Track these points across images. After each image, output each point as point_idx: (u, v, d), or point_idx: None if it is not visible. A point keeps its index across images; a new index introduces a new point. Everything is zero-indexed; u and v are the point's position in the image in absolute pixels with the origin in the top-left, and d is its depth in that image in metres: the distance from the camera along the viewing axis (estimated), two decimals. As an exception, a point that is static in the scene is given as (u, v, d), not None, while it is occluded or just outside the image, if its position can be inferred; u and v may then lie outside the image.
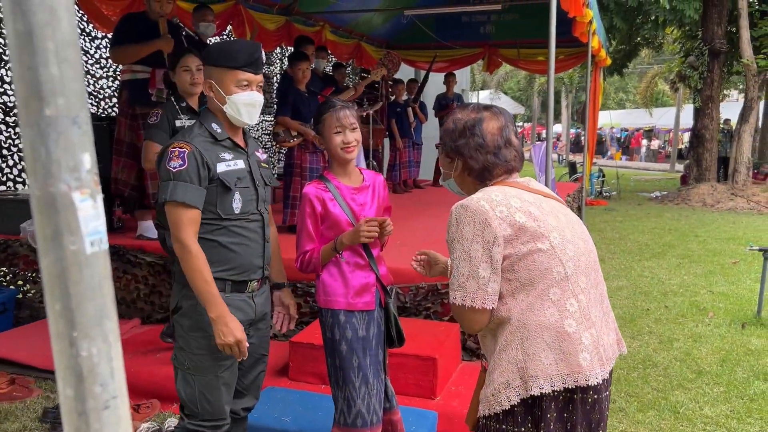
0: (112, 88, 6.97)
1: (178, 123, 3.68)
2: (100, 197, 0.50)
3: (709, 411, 3.61)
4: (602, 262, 7.37)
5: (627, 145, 32.19)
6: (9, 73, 5.86)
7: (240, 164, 2.31)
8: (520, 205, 1.73)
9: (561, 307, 1.69)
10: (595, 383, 1.67)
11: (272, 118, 8.18)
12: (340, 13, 9.51)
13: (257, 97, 2.28)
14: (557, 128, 39.83)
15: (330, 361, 2.48)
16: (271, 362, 3.78)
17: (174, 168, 2.13)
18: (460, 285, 1.71)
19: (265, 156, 2.50)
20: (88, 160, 0.48)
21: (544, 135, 37.31)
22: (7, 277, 5.02)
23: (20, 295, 4.94)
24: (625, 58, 14.64)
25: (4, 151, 5.80)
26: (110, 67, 6.94)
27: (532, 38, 11.31)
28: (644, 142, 32.56)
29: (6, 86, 5.81)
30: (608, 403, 1.82)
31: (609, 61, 12.02)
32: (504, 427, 1.73)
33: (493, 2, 10.64)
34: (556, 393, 1.67)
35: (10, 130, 5.85)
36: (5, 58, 5.78)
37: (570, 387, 1.67)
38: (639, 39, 14.28)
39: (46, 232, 0.47)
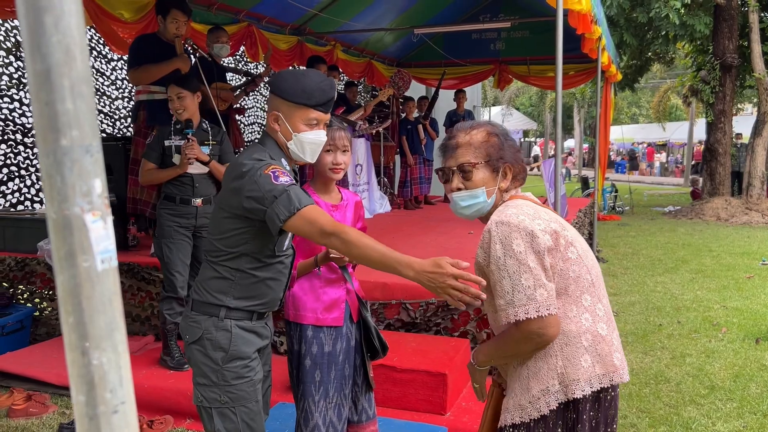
0: (128, 109, 7.10)
1: (166, 143, 3.87)
2: (110, 219, 0.54)
3: (722, 427, 3.59)
4: (615, 277, 7.36)
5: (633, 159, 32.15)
6: (27, 96, 6.00)
7: None
8: (548, 217, 1.83)
9: (593, 312, 1.81)
10: (627, 380, 1.84)
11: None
12: (351, 33, 9.63)
13: (323, 137, 2.22)
14: (570, 143, 39.79)
15: (293, 373, 2.53)
16: (279, 377, 3.83)
17: (286, 182, 2.00)
18: (529, 298, 1.69)
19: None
20: (99, 185, 0.53)
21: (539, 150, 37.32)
22: (25, 295, 5.11)
23: (37, 313, 5.02)
24: (636, 73, 14.66)
25: (22, 172, 5.93)
26: (125, 88, 7.08)
27: (542, 54, 11.39)
28: (658, 156, 32.47)
29: (24, 108, 5.94)
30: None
31: (620, 77, 12.04)
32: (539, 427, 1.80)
33: (502, 20, 10.76)
34: (593, 394, 1.77)
35: (28, 151, 5.98)
36: (24, 80, 5.92)
37: (606, 387, 1.78)
38: (650, 54, 14.30)
39: (62, 251, 0.52)
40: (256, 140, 2.29)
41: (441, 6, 10.74)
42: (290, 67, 5.16)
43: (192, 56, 4.94)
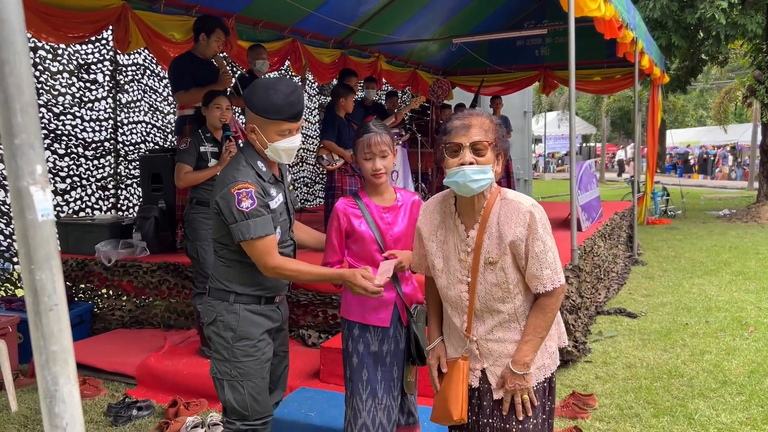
0: (180, 123, 7.64)
1: (201, 149, 4.30)
2: (48, 189, 0.86)
3: (725, 418, 3.69)
4: (651, 279, 7.38)
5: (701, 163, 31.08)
6: (87, 113, 6.59)
7: (281, 198, 2.51)
8: None
9: None
10: None
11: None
12: (393, 45, 9.95)
13: (297, 142, 2.44)
14: (630, 147, 38.90)
15: (345, 371, 2.62)
16: (304, 367, 4.17)
17: (246, 208, 2.30)
18: (561, 268, 2.12)
19: (290, 177, 2.81)
20: (39, 168, 0.85)
21: (625, 154, 36.42)
22: (85, 293, 5.63)
23: (95, 309, 5.53)
24: (689, 74, 14.41)
25: (83, 182, 6.51)
26: (175, 103, 7.64)
27: (587, 59, 11.43)
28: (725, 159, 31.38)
29: (85, 124, 6.53)
30: None
31: (666, 79, 11.92)
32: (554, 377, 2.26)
33: (546, 26, 10.87)
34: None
35: (88, 163, 6.56)
36: (84, 99, 6.51)
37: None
38: (702, 55, 14.05)
39: (16, 209, 0.84)
40: (242, 145, 2.55)
41: (484, 15, 10.93)
42: (264, 77, 5.49)
43: (215, 71, 5.33)
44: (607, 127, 32.92)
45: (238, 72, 7.14)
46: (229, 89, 5.54)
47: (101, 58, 6.72)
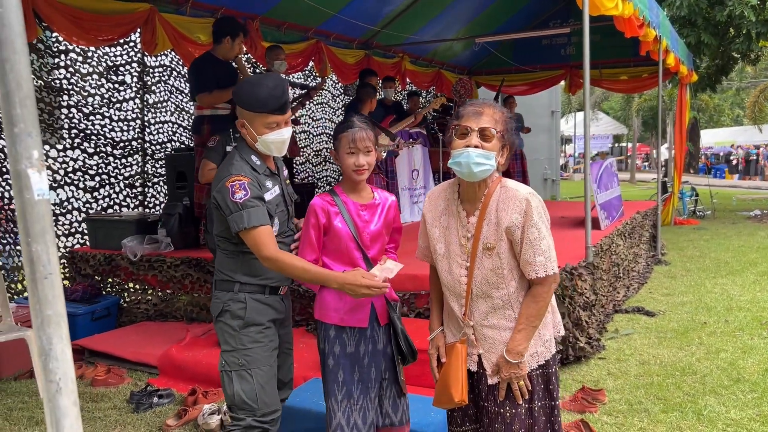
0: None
1: (228, 148, 4.40)
2: (44, 172, 0.98)
3: (735, 414, 3.69)
4: (673, 279, 7.34)
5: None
6: (116, 113, 6.81)
7: (277, 190, 2.54)
8: None
9: None
10: None
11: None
12: (416, 45, 10.02)
13: (286, 134, 2.49)
14: (663, 148, 38.31)
15: (322, 372, 2.60)
16: (318, 359, 4.27)
17: (240, 199, 2.35)
18: (554, 257, 2.21)
19: (286, 172, 2.78)
20: (36, 153, 0.96)
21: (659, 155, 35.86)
22: (113, 287, 5.84)
23: (122, 303, 5.73)
24: (719, 73, 14.19)
25: (112, 180, 6.73)
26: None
27: (614, 58, 11.37)
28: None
29: (114, 124, 6.75)
30: None
31: (695, 78, 11.77)
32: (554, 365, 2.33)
33: (570, 25, 10.84)
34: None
35: (117, 161, 6.78)
36: (113, 100, 6.73)
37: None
38: (733, 53, 13.82)
39: (16, 189, 0.96)
40: (238, 140, 2.61)
41: (509, 14, 10.94)
42: (250, 69, 5.64)
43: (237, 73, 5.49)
44: (639, 127, 32.46)
45: (260, 71, 7.30)
46: None
47: (129, 60, 6.94)
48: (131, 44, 6.88)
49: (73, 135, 6.36)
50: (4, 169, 5.76)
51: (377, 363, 2.57)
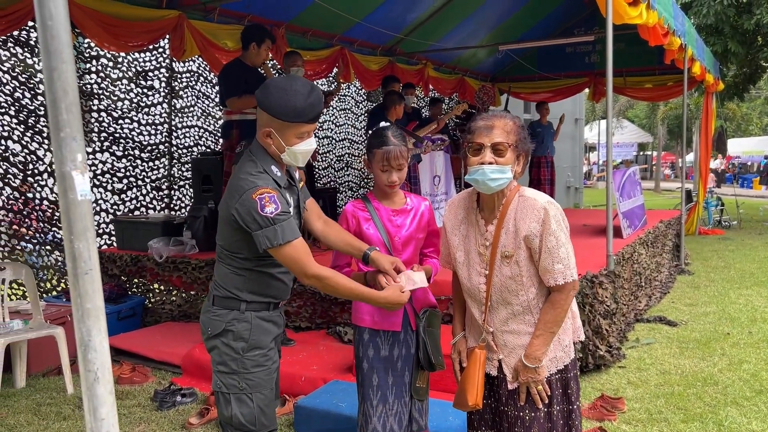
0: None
1: None
2: (87, 174, 1.04)
3: (757, 426, 3.66)
4: (696, 289, 7.27)
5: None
6: (144, 117, 6.96)
7: (292, 201, 2.40)
8: None
9: None
10: None
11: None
12: (439, 52, 10.07)
13: (313, 144, 2.37)
14: (690, 157, 37.83)
15: (357, 376, 2.62)
16: (339, 361, 4.34)
17: (271, 213, 2.16)
18: (574, 263, 2.22)
19: (297, 174, 2.59)
20: (80, 156, 1.03)
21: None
22: (138, 288, 5.95)
23: (147, 303, 5.84)
24: (747, 81, 14.04)
25: (139, 182, 6.87)
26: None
27: (638, 66, 11.30)
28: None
29: (142, 128, 6.90)
30: None
31: (721, 86, 11.65)
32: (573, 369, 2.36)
33: (594, 33, 10.82)
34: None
35: (144, 164, 6.93)
36: (142, 104, 6.87)
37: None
38: (762, 62, 13.67)
39: (61, 189, 1.02)
40: (249, 150, 2.38)
41: (533, 22, 10.94)
42: (275, 75, 5.71)
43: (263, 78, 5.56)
44: (664, 135, 32.12)
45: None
46: None
47: (158, 65, 7.09)
48: (160, 50, 7.03)
49: (102, 138, 6.51)
50: (36, 171, 5.91)
51: (410, 367, 2.58)
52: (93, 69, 6.44)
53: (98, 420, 1.03)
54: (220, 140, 7.88)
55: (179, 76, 7.40)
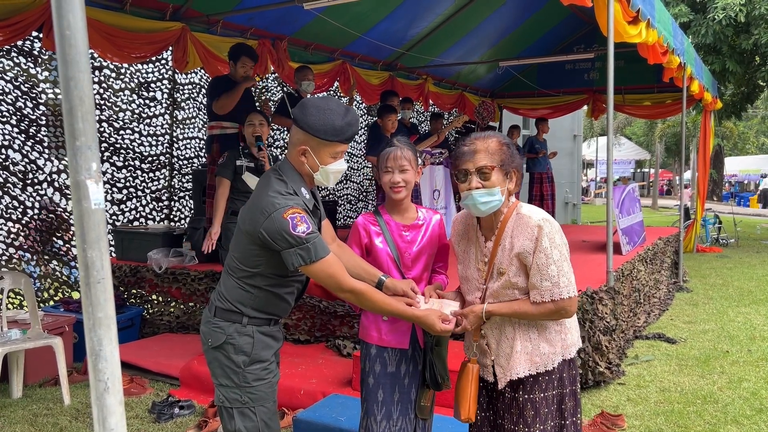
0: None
1: (238, 162, 4.60)
2: (101, 183, 1.04)
3: (757, 444, 3.65)
4: (695, 306, 7.26)
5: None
6: (146, 128, 6.97)
7: (316, 224, 2.36)
8: None
9: None
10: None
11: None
12: (440, 67, 10.13)
13: (344, 165, 2.38)
14: (689, 174, 37.98)
15: (361, 391, 2.60)
16: (338, 375, 4.32)
17: (303, 232, 2.16)
18: (570, 281, 2.20)
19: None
20: (94, 165, 1.03)
21: (685, 180, 35.55)
22: (137, 299, 5.93)
23: (146, 314, 5.82)
24: (744, 100, 14.13)
25: (139, 193, 6.87)
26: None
27: (637, 83, 11.37)
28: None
29: (143, 138, 6.91)
30: None
31: (719, 105, 11.73)
32: (548, 379, 2.29)
33: (594, 50, 10.90)
34: (575, 357, 2.35)
35: (144, 175, 6.93)
36: (143, 115, 6.89)
37: (578, 352, 2.40)
38: (759, 81, 13.77)
39: (75, 197, 1.02)
40: (277, 168, 2.35)
41: (533, 38, 11.01)
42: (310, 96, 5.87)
43: (252, 96, 5.75)
44: (661, 153, 32.25)
45: (287, 90, 7.43)
46: (272, 108, 5.96)
47: (160, 77, 7.12)
48: (163, 62, 7.06)
49: (103, 148, 6.52)
50: (35, 181, 5.91)
51: (417, 384, 2.57)
52: (95, 79, 6.46)
53: (107, 430, 1.03)
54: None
55: (181, 87, 7.43)
